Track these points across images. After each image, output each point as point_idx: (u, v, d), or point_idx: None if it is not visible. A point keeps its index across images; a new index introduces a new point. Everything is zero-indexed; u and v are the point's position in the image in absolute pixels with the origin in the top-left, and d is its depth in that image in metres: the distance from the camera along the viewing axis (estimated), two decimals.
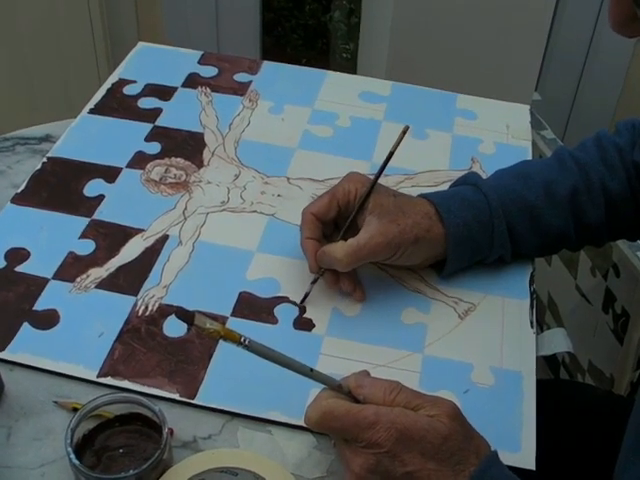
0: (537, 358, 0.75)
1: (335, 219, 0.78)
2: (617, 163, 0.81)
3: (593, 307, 1.41)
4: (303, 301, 0.78)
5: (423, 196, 0.80)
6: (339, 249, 0.74)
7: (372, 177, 0.78)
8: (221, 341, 0.72)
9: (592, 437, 0.88)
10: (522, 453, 0.68)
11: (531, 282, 0.82)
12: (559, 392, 1.00)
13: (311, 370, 0.61)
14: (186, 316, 0.57)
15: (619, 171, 0.81)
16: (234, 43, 1.77)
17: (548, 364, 1.61)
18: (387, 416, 0.58)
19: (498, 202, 0.79)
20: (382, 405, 0.59)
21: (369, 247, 0.74)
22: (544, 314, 1.61)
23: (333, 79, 1.08)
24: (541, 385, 0.75)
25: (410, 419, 0.58)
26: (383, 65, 1.42)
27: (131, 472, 0.59)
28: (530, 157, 0.97)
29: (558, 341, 0.78)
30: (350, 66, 1.69)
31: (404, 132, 0.78)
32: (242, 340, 0.58)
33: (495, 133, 1.01)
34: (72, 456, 0.60)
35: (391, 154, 0.78)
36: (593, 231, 0.82)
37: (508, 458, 0.66)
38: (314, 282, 0.78)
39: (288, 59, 1.12)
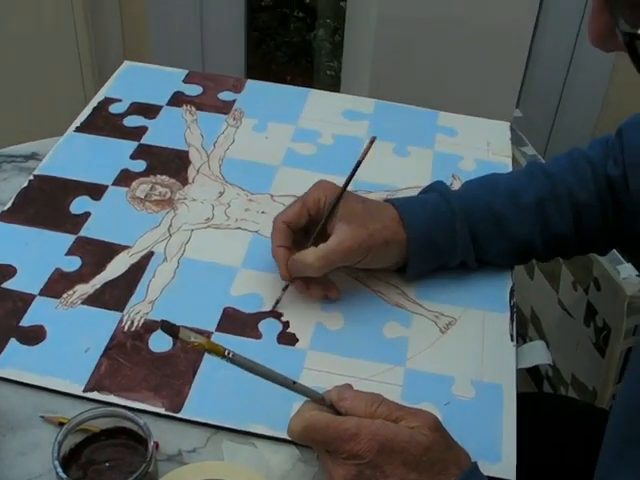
0: (519, 371, 0.76)
1: (305, 226, 0.80)
2: (587, 175, 0.83)
3: (575, 321, 1.43)
4: (274, 307, 0.80)
5: (388, 201, 0.82)
6: (310, 254, 0.76)
7: (342, 185, 0.80)
8: (206, 355, 0.74)
9: (573, 449, 0.89)
10: (503, 463, 0.69)
11: (511, 296, 0.84)
12: (541, 405, 1.02)
13: (294, 383, 0.62)
14: (171, 330, 0.58)
15: (589, 183, 0.83)
16: (219, 61, 1.79)
17: (532, 377, 1.63)
18: (368, 428, 0.59)
19: (461, 207, 0.81)
20: (364, 417, 0.61)
21: (340, 251, 0.76)
22: (527, 328, 1.63)
23: (317, 97, 1.10)
24: (524, 398, 0.76)
25: (391, 431, 0.59)
26: (366, 83, 1.44)
27: None
28: None
29: (537, 354, 0.80)
30: (335, 83, 1.71)
31: (371, 142, 0.80)
32: (226, 353, 0.60)
33: (476, 150, 1.03)
34: (59, 469, 0.60)
35: (359, 163, 0.80)
36: (560, 241, 0.84)
37: (489, 469, 0.68)
38: (285, 288, 0.79)
39: (273, 76, 1.14)
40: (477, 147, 1.03)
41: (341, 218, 0.78)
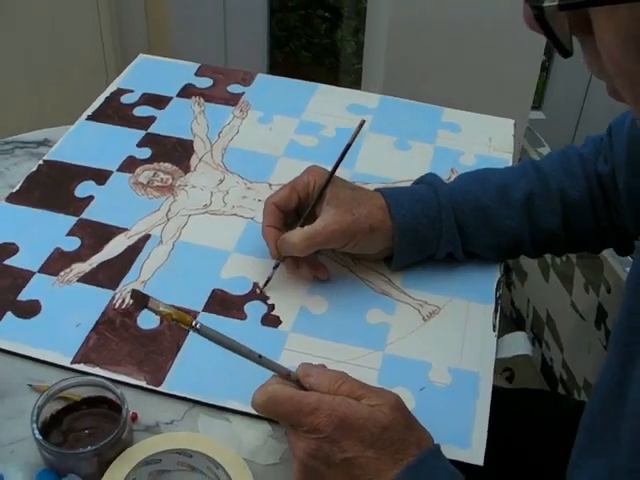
0: (536, 374, 0.77)
1: (296, 209, 0.83)
2: (578, 172, 0.84)
3: (586, 323, 1.42)
4: (265, 285, 0.82)
5: (378, 190, 0.84)
6: (295, 235, 0.78)
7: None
8: (189, 334, 0.77)
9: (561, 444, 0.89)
10: (472, 449, 0.70)
11: (497, 288, 0.85)
12: (535, 401, 1.02)
13: (260, 357, 0.64)
14: (140, 299, 0.61)
15: (580, 180, 0.83)
16: (242, 58, 1.82)
17: (547, 381, 1.62)
18: (329, 403, 0.61)
19: (449, 199, 0.82)
20: (327, 394, 0.62)
21: (324, 234, 0.78)
22: (543, 331, 1.62)
23: (323, 91, 1.12)
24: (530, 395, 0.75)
25: (351, 407, 0.61)
26: (382, 82, 1.46)
27: (89, 448, 0.63)
28: None
29: (518, 344, 0.81)
30: (359, 83, 1.73)
31: (360, 125, 0.82)
32: (193, 324, 0.62)
33: (477, 145, 1.04)
34: (36, 431, 0.63)
35: (348, 146, 0.82)
36: (549, 238, 0.84)
37: (458, 453, 0.69)
38: (275, 267, 0.82)
39: (298, 77, 1.16)
40: (479, 143, 1.04)
41: (329, 202, 0.80)
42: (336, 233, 0.78)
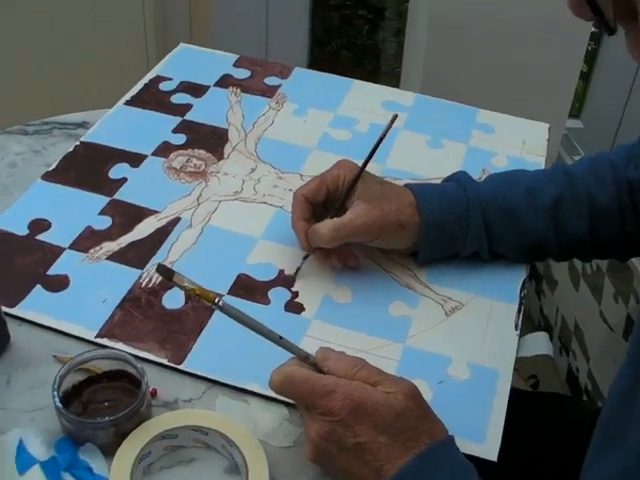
0: (560, 383, 0.76)
1: (325, 202, 0.83)
2: (608, 178, 0.83)
3: (614, 334, 1.41)
4: (296, 273, 0.83)
5: (407, 186, 0.84)
6: (325, 226, 0.79)
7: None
8: (213, 316, 0.78)
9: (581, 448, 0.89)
10: (486, 444, 0.70)
11: (522, 288, 0.84)
12: (574, 408, 1.01)
13: (280, 338, 0.65)
14: (166, 272, 0.62)
15: (609, 186, 0.83)
16: (282, 54, 1.84)
17: (571, 390, 1.61)
18: (345, 387, 0.61)
19: (477, 198, 0.82)
20: (343, 378, 0.63)
21: (352, 227, 0.79)
22: (570, 340, 1.61)
23: (359, 87, 1.13)
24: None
25: (366, 393, 0.61)
26: (419, 83, 1.46)
27: (107, 418, 0.64)
28: None
29: (539, 344, 0.80)
30: (399, 85, 1.73)
31: (393, 120, 0.82)
32: (216, 301, 0.63)
33: (510, 147, 1.03)
34: (56, 399, 0.65)
35: (380, 141, 0.82)
36: (575, 242, 0.84)
37: (471, 448, 0.69)
38: (305, 257, 0.83)
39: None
40: (512, 145, 1.04)
41: (359, 197, 0.80)
42: (365, 227, 0.79)
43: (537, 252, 0.86)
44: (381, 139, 0.83)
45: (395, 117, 0.83)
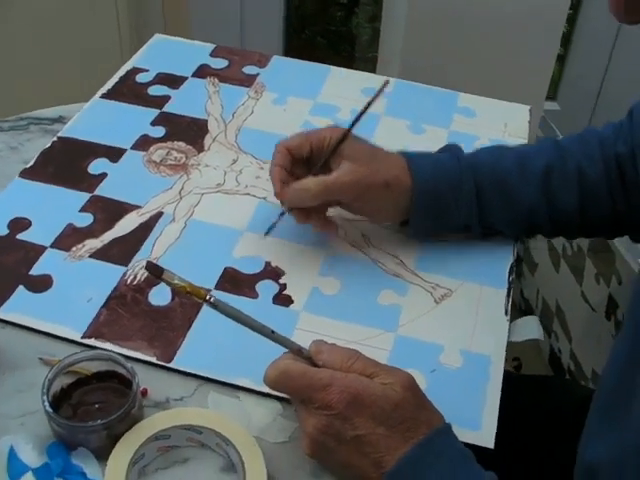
0: (543, 363, 0.76)
1: (307, 161, 0.81)
2: (596, 153, 0.83)
3: (596, 314, 1.42)
4: (268, 232, 0.82)
5: (399, 152, 0.83)
6: (309, 181, 0.78)
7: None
8: (201, 311, 0.77)
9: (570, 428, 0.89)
10: (482, 432, 0.70)
11: (510, 273, 0.84)
12: (559, 389, 1.01)
13: (272, 332, 0.64)
14: (155, 270, 0.61)
15: (598, 162, 0.83)
16: (257, 42, 1.82)
17: (554, 370, 1.62)
18: (341, 380, 0.61)
19: (469, 165, 0.81)
20: (339, 371, 0.62)
21: (338, 183, 0.77)
22: (552, 322, 1.62)
23: (338, 74, 1.12)
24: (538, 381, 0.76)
25: (363, 384, 0.61)
26: (398, 69, 1.45)
27: (99, 421, 0.63)
28: None
29: (530, 329, 0.80)
30: (374, 70, 1.72)
31: (384, 85, 0.79)
32: (207, 297, 0.62)
33: (492, 131, 1.03)
34: (46, 404, 0.63)
35: (369, 104, 0.80)
36: (565, 217, 0.83)
37: (468, 436, 0.68)
38: (282, 214, 0.81)
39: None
40: (494, 128, 1.04)
41: (346, 157, 0.79)
42: (352, 184, 0.78)
43: (528, 226, 0.85)
44: (370, 103, 0.80)
45: (387, 82, 0.81)
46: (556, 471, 0.72)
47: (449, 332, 0.78)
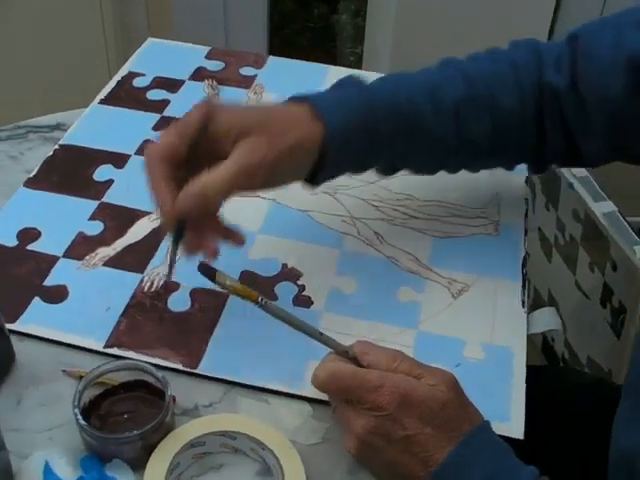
0: (535, 351, 0.77)
1: (186, 160, 0.69)
2: (510, 81, 0.77)
3: (591, 302, 1.43)
4: (170, 273, 0.71)
5: (293, 99, 0.76)
6: (212, 174, 0.65)
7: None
8: (222, 315, 0.77)
9: (584, 416, 0.90)
10: (512, 423, 0.70)
11: (523, 265, 0.85)
12: (553, 377, 1.02)
13: (320, 334, 0.64)
14: (209, 272, 0.61)
15: (511, 89, 0.77)
16: (242, 42, 1.81)
17: (547, 359, 1.64)
18: (391, 381, 0.61)
19: (384, 107, 0.76)
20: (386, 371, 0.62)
21: (243, 169, 0.66)
22: None
23: (336, 73, 1.11)
24: (536, 371, 0.77)
25: (412, 385, 0.61)
26: (387, 67, 1.46)
27: (135, 432, 0.62)
28: None
29: (547, 319, 0.81)
30: (357, 67, 1.72)
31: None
32: (259, 299, 0.62)
33: None
34: (79, 417, 0.63)
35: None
36: (476, 145, 0.79)
37: (498, 428, 0.68)
38: (177, 240, 0.68)
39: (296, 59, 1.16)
40: None
41: (236, 138, 0.67)
42: (260, 161, 0.66)
43: (438, 155, 0.80)
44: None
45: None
46: (552, 459, 0.73)
47: (469, 326, 0.78)
